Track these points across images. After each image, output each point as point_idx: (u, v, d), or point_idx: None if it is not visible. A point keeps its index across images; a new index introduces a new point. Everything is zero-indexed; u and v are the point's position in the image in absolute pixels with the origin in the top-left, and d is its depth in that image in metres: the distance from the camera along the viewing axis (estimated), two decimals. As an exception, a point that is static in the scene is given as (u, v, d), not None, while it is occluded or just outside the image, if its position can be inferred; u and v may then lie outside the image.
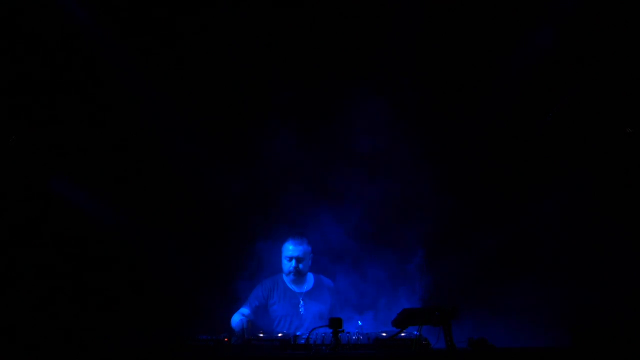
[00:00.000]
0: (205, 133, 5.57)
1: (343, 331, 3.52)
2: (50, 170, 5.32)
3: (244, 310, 4.62)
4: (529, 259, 5.17)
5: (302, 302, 4.66)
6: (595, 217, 4.98)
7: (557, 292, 4.98)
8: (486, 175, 5.34)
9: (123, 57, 5.41)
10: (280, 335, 3.80)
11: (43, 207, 5.26)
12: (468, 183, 5.34)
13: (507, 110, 5.31)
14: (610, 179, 4.95)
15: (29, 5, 5.03)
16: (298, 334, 3.78)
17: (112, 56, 5.39)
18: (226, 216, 5.53)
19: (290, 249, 4.63)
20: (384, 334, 3.66)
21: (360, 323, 3.96)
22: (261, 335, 3.88)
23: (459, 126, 5.39)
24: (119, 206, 5.50)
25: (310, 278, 4.78)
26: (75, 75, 5.31)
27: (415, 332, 3.51)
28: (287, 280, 4.73)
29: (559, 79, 5.06)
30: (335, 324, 3.49)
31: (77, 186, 5.41)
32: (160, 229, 5.48)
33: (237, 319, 4.46)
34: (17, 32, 5.03)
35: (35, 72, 5.15)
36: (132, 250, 5.43)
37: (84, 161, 5.43)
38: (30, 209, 5.20)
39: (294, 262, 4.61)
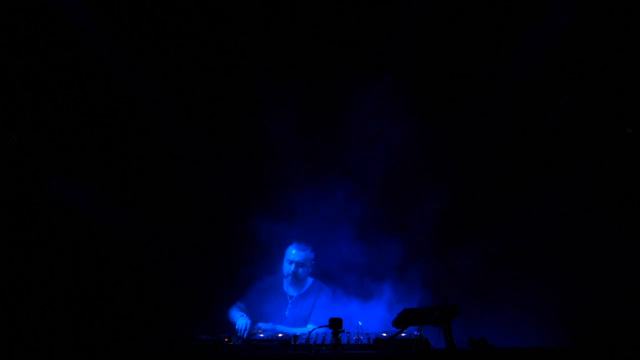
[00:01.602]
0: (203, 131, 5.56)
1: (343, 331, 3.51)
2: (50, 170, 5.32)
3: (240, 304, 4.69)
4: (530, 259, 5.16)
5: (289, 305, 4.72)
6: (596, 216, 4.98)
7: (557, 291, 4.97)
8: (487, 175, 5.33)
9: (123, 57, 5.41)
10: (280, 335, 3.80)
11: (43, 207, 5.26)
12: (469, 182, 5.33)
13: (508, 110, 5.30)
14: (610, 178, 4.95)
15: (29, 5, 5.03)
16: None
17: (112, 56, 5.38)
18: (227, 215, 5.52)
19: (293, 252, 4.72)
20: (384, 334, 3.66)
21: (360, 323, 3.95)
22: (261, 335, 3.88)
23: (460, 126, 5.38)
24: (118, 206, 5.50)
25: (308, 283, 4.84)
26: (75, 75, 5.31)
27: (415, 332, 3.51)
28: (285, 281, 4.80)
29: (559, 78, 5.05)
30: (335, 324, 3.49)
31: (76, 186, 5.41)
32: (161, 228, 5.48)
33: (237, 315, 4.47)
34: (17, 32, 5.03)
35: (35, 72, 5.15)
36: (132, 250, 5.43)
37: (84, 161, 5.43)
38: (30, 209, 5.20)
39: (293, 265, 4.69)
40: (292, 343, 3.70)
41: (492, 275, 5.17)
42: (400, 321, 3.55)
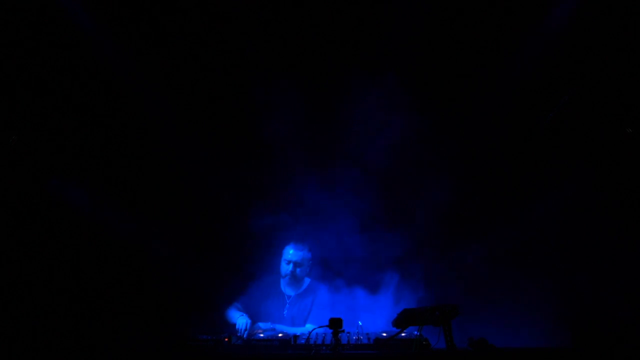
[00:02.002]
0: (203, 131, 5.55)
1: (343, 331, 3.51)
2: (50, 170, 5.32)
3: (237, 305, 4.71)
4: (530, 259, 5.17)
5: (287, 305, 4.73)
6: (596, 216, 4.98)
7: (557, 291, 4.98)
8: (487, 175, 5.34)
9: (123, 57, 5.41)
10: (280, 335, 3.80)
11: (43, 207, 5.25)
12: (469, 182, 5.33)
13: (508, 110, 5.30)
14: (610, 178, 4.95)
15: (29, 5, 5.03)
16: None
17: (112, 56, 5.39)
18: (227, 215, 5.51)
19: (290, 252, 4.74)
20: (384, 334, 3.66)
21: (360, 323, 3.95)
22: (261, 335, 3.88)
23: (460, 126, 5.39)
24: (118, 206, 5.49)
25: (305, 283, 4.85)
26: (75, 75, 5.32)
27: (415, 332, 3.51)
28: (283, 281, 4.81)
29: (559, 78, 5.05)
30: (335, 324, 3.49)
31: (76, 186, 5.40)
32: (161, 228, 5.47)
33: (236, 315, 4.49)
34: (17, 32, 5.03)
35: (35, 72, 5.15)
36: (132, 250, 5.43)
37: (84, 161, 5.43)
38: (30, 209, 5.19)
39: (291, 265, 4.71)
40: (292, 343, 3.70)
41: (492, 275, 5.17)
42: (400, 321, 3.55)
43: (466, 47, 5.24)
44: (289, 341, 3.69)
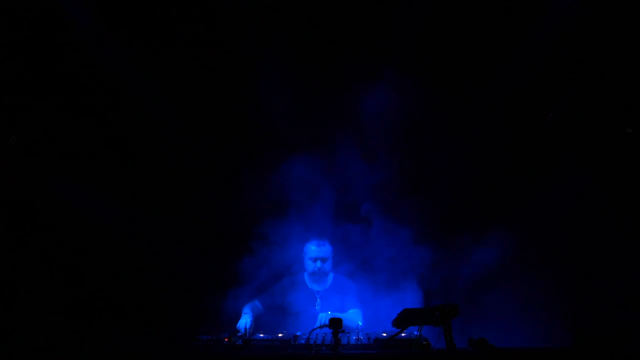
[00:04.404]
0: (204, 129, 5.56)
1: (343, 331, 3.51)
2: (50, 170, 5.32)
3: (257, 303, 4.69)
4: (530, 259, 5.17)
5: (319, 300, 4.73)
6: (596, 216, 4.98)
7: (557, 291, 4.98)
8: (488, 175, 5.34)
9: (123, 56, 5.42)
10: (280, 335, 3.80)
11: (43, 207, 5.26)
12: (470, 182, 5.33)
13: (507, 111, 5.31)
14: (610, 178, 4.95)
15: (29, 5, 5.03)
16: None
17: (111, 56, 5.40)
18: (228, 215, 5.51)
19: (315, 249, 4.74)
20: (384, 334, 3.66)
21: (360, 323, 3.95)
22: (261, 335, 3.88)
23: (459, 127, 5.39)
24: (119, 206, 5.49)
25: (330, 277, 4.85)
26: (75, 75, 5.32)
27: (415, 332, 3.51)
28: (308, 279, 4.83)
29: (559, 78, 5.06)
30: (335, 324, 3.49)
31: (77, 186, 5.40)
32: (161, 228, 5.47)
33: (244, 316, 4.47)
34: (17, 32, 5.04)
35: (35, 72, 5.15)
36: (132, 250, 5.43)
37: (83, 161, 5.44)
38: (30, 209, 5.20)
39: (318, 262, 4.71)
40: (292, 343, 3.70)
41: (492, 275, 5.17)
42: (400, 321, 3.55)
43: (466, 47, 5.25)
44: (289, 341, 3.69)
